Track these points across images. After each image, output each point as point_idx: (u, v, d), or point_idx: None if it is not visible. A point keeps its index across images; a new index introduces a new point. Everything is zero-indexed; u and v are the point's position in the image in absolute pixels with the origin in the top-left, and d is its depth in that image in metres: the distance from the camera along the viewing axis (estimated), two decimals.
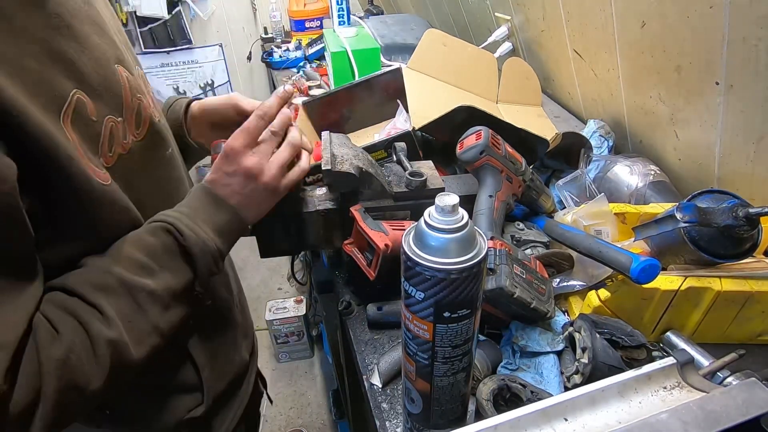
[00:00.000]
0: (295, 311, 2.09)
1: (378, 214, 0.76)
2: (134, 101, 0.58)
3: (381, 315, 0.76)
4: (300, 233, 0.77)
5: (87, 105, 0.50)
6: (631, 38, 0.98)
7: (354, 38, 1.53)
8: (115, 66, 0.56)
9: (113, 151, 0.53)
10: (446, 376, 0.49)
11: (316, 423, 1.98)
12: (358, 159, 0.74)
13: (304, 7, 2.42)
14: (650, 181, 0.92)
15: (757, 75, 0.74)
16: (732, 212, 0.63)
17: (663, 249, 0.71)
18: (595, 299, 0.69)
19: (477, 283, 0.43)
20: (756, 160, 0.81)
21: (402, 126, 1.13)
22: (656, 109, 1.00)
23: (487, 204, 0.75)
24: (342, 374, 1.30)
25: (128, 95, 0.56)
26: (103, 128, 0.52)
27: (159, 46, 2.74)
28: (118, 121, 0.54)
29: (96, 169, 0.50)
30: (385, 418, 0.64)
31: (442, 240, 0.41)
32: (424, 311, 0.44)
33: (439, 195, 0.42)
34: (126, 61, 0.59)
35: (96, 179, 0.49)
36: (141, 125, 0.59)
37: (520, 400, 0.59)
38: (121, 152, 0.55)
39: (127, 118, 0.56)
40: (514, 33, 1.50)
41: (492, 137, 0.76)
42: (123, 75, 0.56)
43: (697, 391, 0.46)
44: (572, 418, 0.44)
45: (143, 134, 0.59)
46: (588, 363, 0.59)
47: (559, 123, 1.25)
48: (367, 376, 0.70)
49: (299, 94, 1.78)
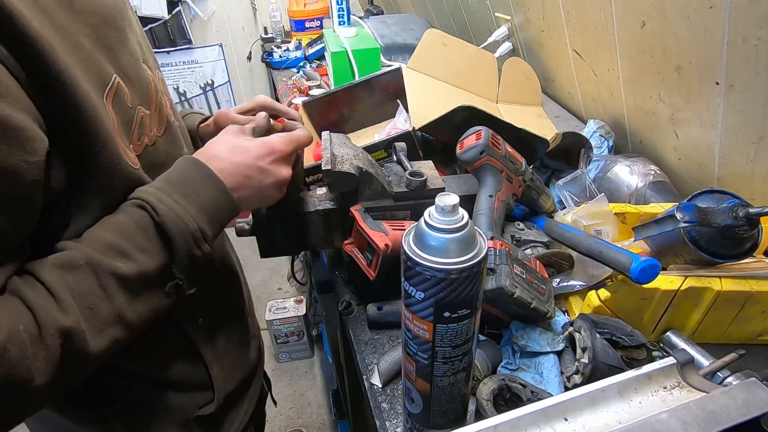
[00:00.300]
0: (295, 311, 2.09)
1: (378, 214, 0.76)
2: (158, 98, 0.60)
3: (381, 315, 0.76)
4: (300, 233, 0.77)
5: (125, 91, 0.52)
6: (631, 38, 0.98)
7: (354, 38, 1.53)
8: (143, 64, 0.59)
9: (141, 140, 0.55)
10: (446, 376, 0.49)
11: (316, 423, 1.98)
12: (358, 159, 0.74)
13: (304, 7, 2.42)
14: (650, 181, 0.92)
15: (757, 75, 0.74)
16: (732, 212, 0.63)
17: (663, 249, 0.71)
18: (595, 299, 0.69)
19: (477, 283, 0.43)
20: (756, 160, 0.81)
21: (402, 126, 1.13)
22: (656, 109, 1.00)
23: (487, 204, 0.75)
24: (342, 374, 1.30)
25: (153, 92, 0.59)
26: (135, 116, 0.54)
27: (159, 46, 2.74)
28: (147, 113, 0.56)
29: (128, 152, 0.51)
30: (385, 418, 0.64)
31: (442, 240, 0.41)
32: (424, 311, 0.44)
33: (439, 195, 0.42)
34: (150, 62, 0.62)
35: (127, 161, 0.50)
36: (162, 122, 0.61)
37: (520, 400, 0.59)
38: (147, 143, 0.56)
39: (152, 113, 0.58)
40: (514, 33, 1.50)
41: (492, 137, 0.76)
42: (149, 73, 0.59)
43: (697, 391, 0.46)
44: (572, 418, 0.44)
45: (163, 131, 0.61)
46: (588, 363, 0.59)
47: (559, 123, 1.25)
48: (367, 376, 0.70)
49: (299, 95, 1.78)
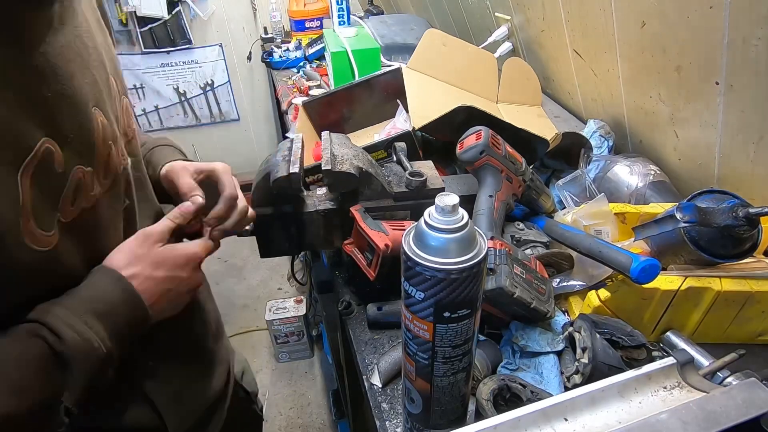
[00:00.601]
0: (295, 311, 2.09)
1: (378, 214, 0.76)
2: (105, 149, 0.52)
3: (381, 315, 0.76)
4: (300, 233, 0.77)
5: (55, 155, 0.45)
6: (631, 38, 0.98)
7: (354, 38, 1.53)
8: (93, 110, 0.50)
9: (76, 204, 0.48)
10: (446, 376, 0.49)
11: (316, 423, 1.98)
12: (358, 159, 0.74)
13: (304, 7, 2.42)
14: (650, 181, 0.92)
15: (757, 75, 0.74)
16: (732, 212, 0.63)
17: (663, 249, 0.71)
18: (595, 299, 0.69)
19: (477, 283, 0.43)
20: (756, 159, 0.81)
21: (402, 126, 1.13)
22: (656, 109, 1.00)
23: (487, 204, 0.75)
24: (342, 374, 1.30)
25: (101, 143, 0.51)
26: (69, 180, 0.47)
27: (159, 46, 2.74)
28: (87, 171, 0.49)
29: (36, 234, 0.44)
30: (385, 418, 0.64)
31: (442, 240, 0.41)
32: (424, 311, 0.44)
33: (439, 195, 0.42)
34: (103, 102, 0.53)
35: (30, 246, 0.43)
36: (108, 175, 0.54)
37: (520, 400, 0.59)
38: (85, 206, 0.50)
39: (98, 168, 0.51)
40: (514, 33, 1.50)
41: (492, 137, 0.76)
42: (98, 120, 0.51)
43: (697, 391, 0.46)
44: (572, 418, 0.44)
45: (109, 184, 0.54)
46: (588, 363, 0.59)
47: (559, 123, 1.25)
48: (367, 376, 0.70)
49: (299, 94, 1.78)
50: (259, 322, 2.32)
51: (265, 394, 2.02)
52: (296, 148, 0.74)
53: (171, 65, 2.85)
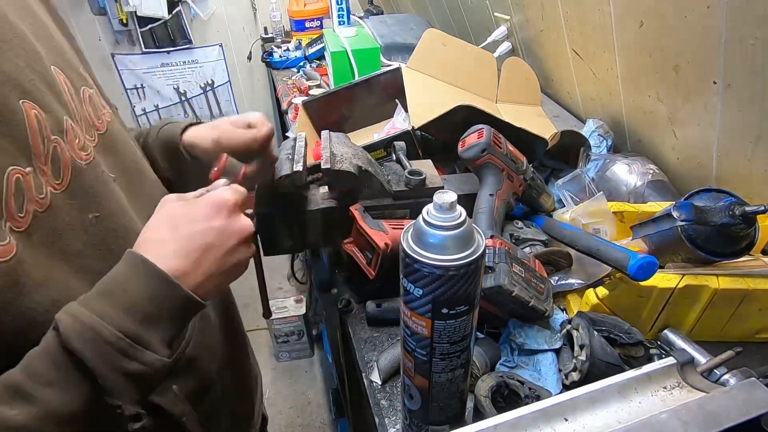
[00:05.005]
0: (295, 310, 2.09)
1: (377, 212, 0.76)
2: (47, 145, 0.45)
3: (380, 312, 0.76)
4: (303, 231, 0.78)
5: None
6: (629, 38, 0.99)
7: (354, 38, 1.53)
8: (20, 102, 0.43)
9: (25, 210, 0.42)
10: (444, 373, 0.49)
11: (315, 422, 1.98)
12: (358, 158, 0.75)
13: (304, 7, 2.42)
14: (649, 180, 0.93)
15: (754, 74, 0.74)
16: (729, 211, 0.63)
17: (661, 247, 0.72)
18: (593, 297, 0.69)
19: (475, 279, 0.44)
20: (753, 159, 0.81)
21: (401, 125, 1.14)
22: (655, 109, 1.00)
23: (488, 203, 0.75)
24: (342, 372, 1.31)
25: (37, 138, 0.44)
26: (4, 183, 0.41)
27: (159, 46, 2.74)
28: (26, 171, 0.43)
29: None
30: (385, 415, 0.64)
31: (440, 237, 0.42)
32: (423, 308, 0.45)
33: (437, 192, 0.42)
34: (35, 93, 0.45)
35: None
36: (62, 173, 0.47)
37: (518, 397, 0.59)
38: (37, 210, 0.44)
39: (39, 167, 0.44)
40: (513, 33, 1.51)
41: (494, 136, 0.76)
42: (30, 113, 0.44)
43: (697, 391, 0.46)
44: (572, 418, 0.44)
45: (66, 183, 0.47)
46: (586, 360, 0.59)
47: (558, 122, 1.25)
48: (366, 373, 0.70)
49: (299, 94, 1.78)
50: (259, 322, 2.32)
51: (266, 394, 2.03)
52: (300, 147, 0.75)
53: (171, 65, 2.85)
